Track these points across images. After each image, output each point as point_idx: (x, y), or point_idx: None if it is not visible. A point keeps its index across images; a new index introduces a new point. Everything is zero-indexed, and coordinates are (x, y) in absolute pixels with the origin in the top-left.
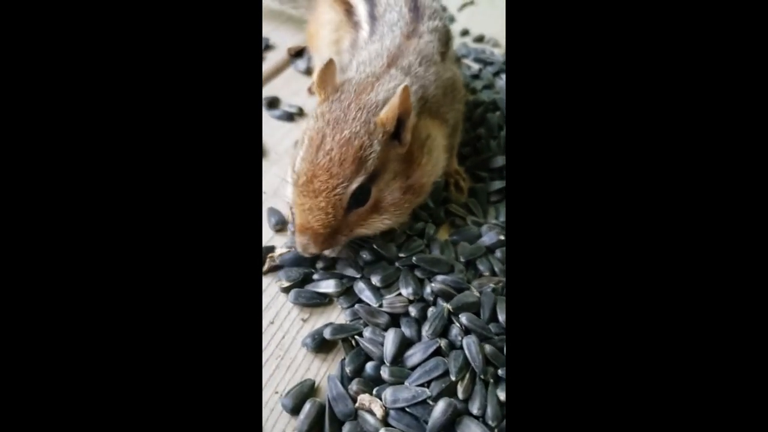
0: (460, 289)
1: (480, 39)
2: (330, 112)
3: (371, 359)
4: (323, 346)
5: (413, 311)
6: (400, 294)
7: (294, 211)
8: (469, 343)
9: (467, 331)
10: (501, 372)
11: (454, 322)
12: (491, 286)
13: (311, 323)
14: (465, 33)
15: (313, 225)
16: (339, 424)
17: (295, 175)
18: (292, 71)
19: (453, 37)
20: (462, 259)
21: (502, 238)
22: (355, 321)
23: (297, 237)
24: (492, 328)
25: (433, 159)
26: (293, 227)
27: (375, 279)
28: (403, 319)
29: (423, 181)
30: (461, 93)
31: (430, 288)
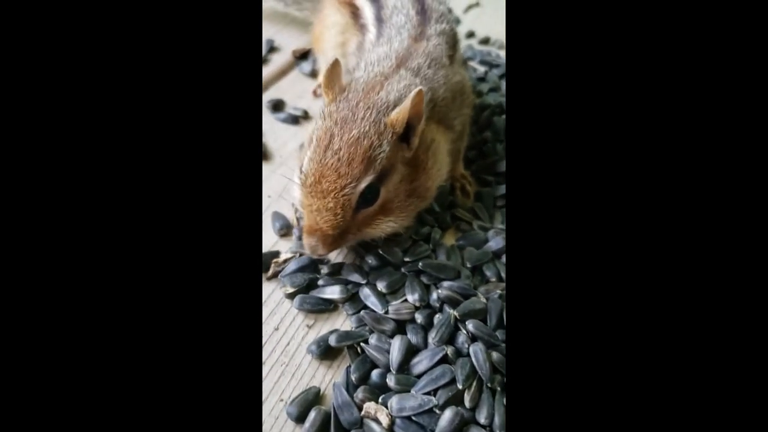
0: (466, 296)
1: (486, 41)
2: (338, 111)
3: (377, 367)
4: (328, 353)
5: (419, 318)
6: (406, 300)
7: (301, 213)
8: (476, 351)
9: (474, 339)
10: None
11: (460, 329)
12: (498, 292)
13: (316, 329)
14: (471, 35)
15: (322, 226)
16: None
17: (303, 176)
18: (297, 73)
19: (460, 40)
20: (468, 265)
21: None
22: (361, 328)
23: (305, 238)
24: (499, 335)
25: (438, 163)
26: (299, 231)
27: (381, 285)
28: (409, 326)
29: (428, 185)
30: (469, 97)
31: (436, 294)
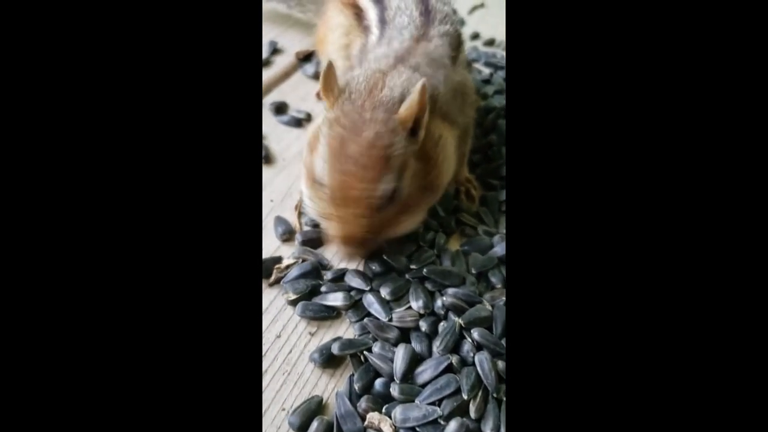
0: (472, 303)
1: (490, 42)
2: (344, 115)
3: (380, 375)
4: (331, 361)
5: (424, 326)
6: (410, 307)
7: (328, 222)
8: (482, 360)
9: (479, 347)
10: None
11: (465, 337)
12: (503, 299)
13: (319, 337)
14: (475, 36)
15: (355, 233)
16: None
17: (323, 189)
18: (300, 76)
19: (464, 42)
20: (474, 271)
21: None
22: (364, 335)
23: (340, 247)
24: (505, 343)
25: (448, 158)
26: (301, 237)
27: (384, 292)
28: (414, 334)
29: (440, 180)
30: (472, 98)
31: (441, 301)
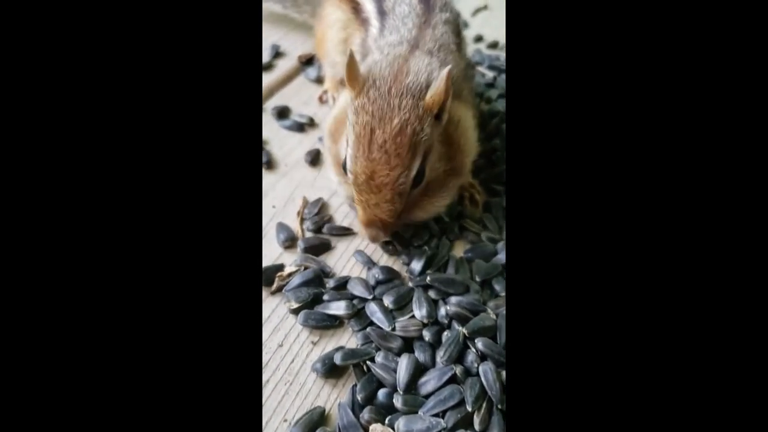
0: (476, 312)
1: (494, 45)
2: (371, 102)
3: (383, 386)
4: (333, 371)
5: (427, 335)
6: (413, 316)
7: (355, 206)
8: (486, 371)
9: (483, 357)
10: None
11: (469, 347)
12: None
13: (321, 346)
14: (479, 39)
15: (381, 216)
16: None
17: (352, 175)
18: (302, 79)
19: (464, 34)
20: (477, 279)
21: None
22: (367, 345)
23: (365, 230)
24: None
25: (470, 139)
26: (303, 244)
27: (387, 300)
28: (417, 344)
29: (464, 162)
30: (472, 82)
31: (444, 310)
